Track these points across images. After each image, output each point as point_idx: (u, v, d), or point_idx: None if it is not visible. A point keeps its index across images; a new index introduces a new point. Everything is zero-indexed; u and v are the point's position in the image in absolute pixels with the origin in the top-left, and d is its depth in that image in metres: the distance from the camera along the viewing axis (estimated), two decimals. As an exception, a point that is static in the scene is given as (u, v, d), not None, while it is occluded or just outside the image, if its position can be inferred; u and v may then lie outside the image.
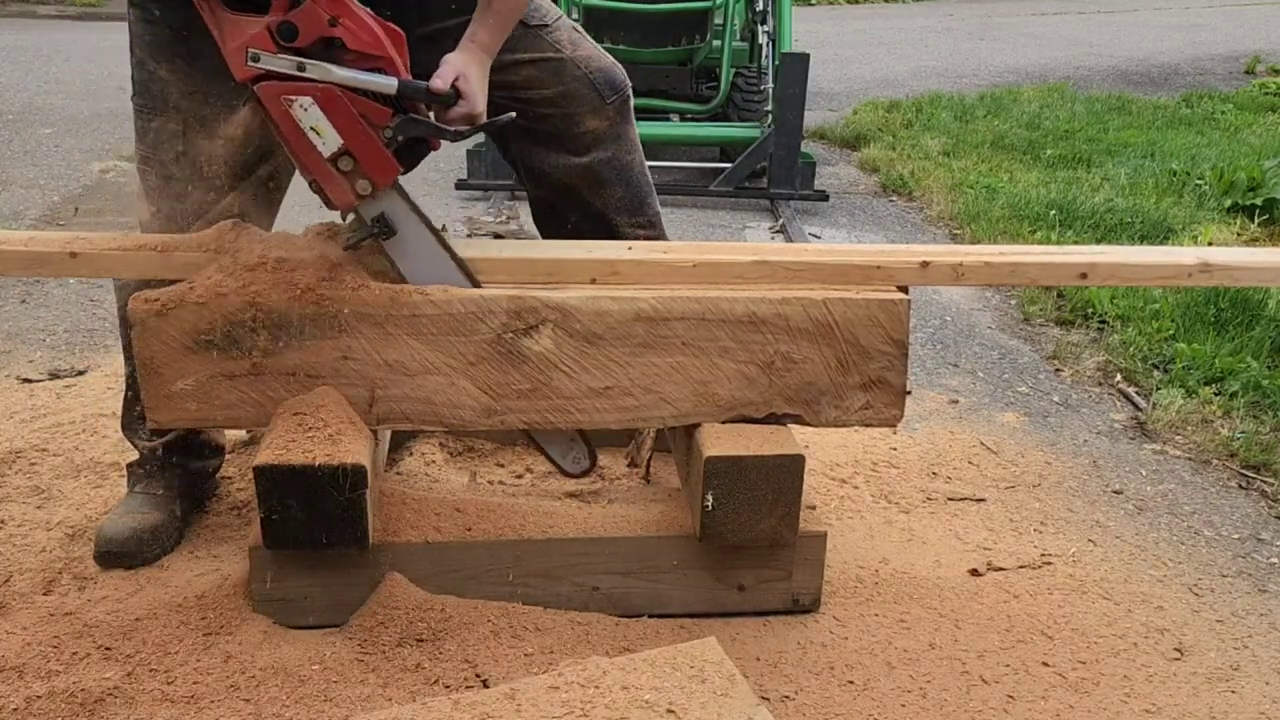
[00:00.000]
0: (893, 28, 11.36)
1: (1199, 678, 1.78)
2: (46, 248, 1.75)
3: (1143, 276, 1.96)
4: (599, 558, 1.80)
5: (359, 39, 1.58)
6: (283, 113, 1.59)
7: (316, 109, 1.58)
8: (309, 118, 1.59)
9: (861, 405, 1.84)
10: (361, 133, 1.61)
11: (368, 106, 1.61)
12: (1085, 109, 6.67)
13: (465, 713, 1.30)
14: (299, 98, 1.58)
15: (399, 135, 1.64)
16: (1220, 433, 2.64)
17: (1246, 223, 4.34)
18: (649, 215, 2.09)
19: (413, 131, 1.65)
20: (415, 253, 1.74)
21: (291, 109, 1.59)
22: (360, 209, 1.69)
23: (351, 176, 1.64)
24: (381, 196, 1.68)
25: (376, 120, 1.62)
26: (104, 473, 2.23)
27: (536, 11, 1.93)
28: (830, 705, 1.66)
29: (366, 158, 1.63)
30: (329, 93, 1.58)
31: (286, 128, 1.60)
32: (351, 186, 1.65)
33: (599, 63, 1.99)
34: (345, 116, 1.60)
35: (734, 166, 4.74)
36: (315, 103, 1.58)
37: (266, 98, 1.59)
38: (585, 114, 1.98)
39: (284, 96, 1.58)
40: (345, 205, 1.68)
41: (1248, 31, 10.87)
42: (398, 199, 1.70)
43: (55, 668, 1.64)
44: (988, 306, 3.56)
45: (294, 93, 1.58)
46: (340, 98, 1.59)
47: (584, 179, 2.02)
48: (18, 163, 5.02)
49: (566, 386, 1.78)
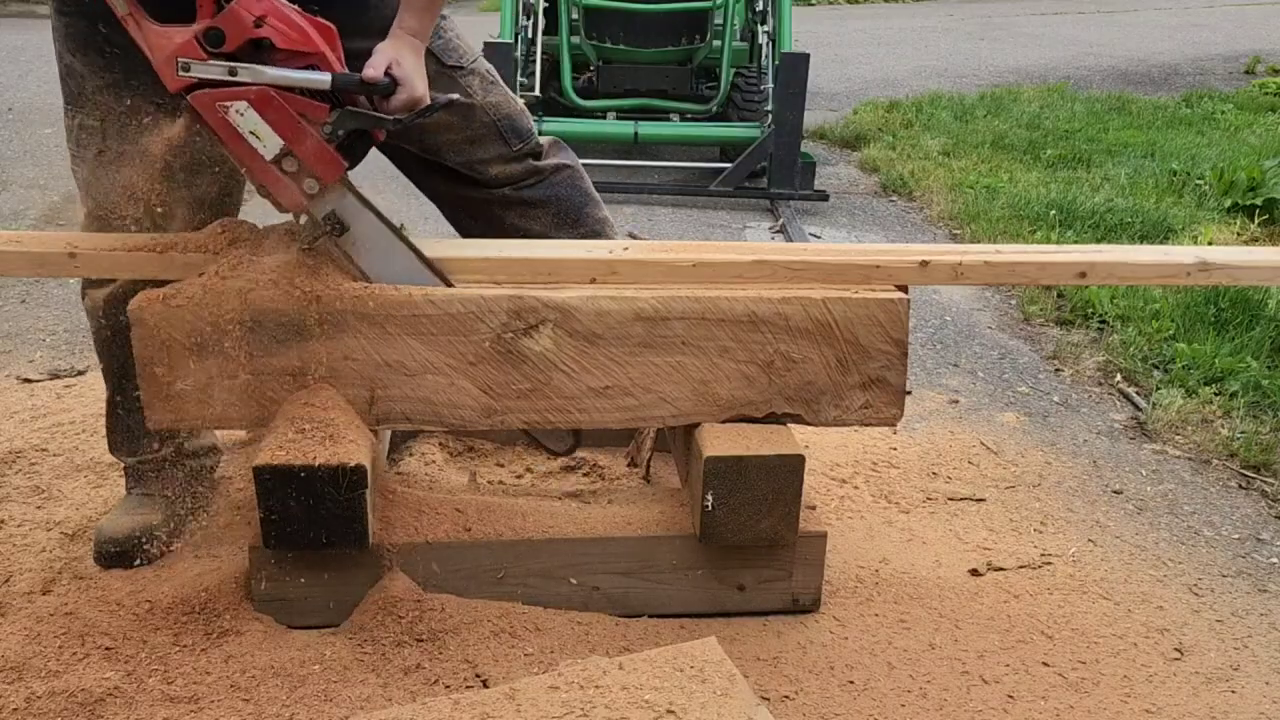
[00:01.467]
0: (893, 28, 11.36)
1: (1199, 678, 1.78)
2: (46, 248, 1.75)
3: (1141, 275, 1.96)
4: (599, 558, 1.80)
5: (287, 37, 1.57)
6: (219, 120, 1.57)
7: (253, 112, 1.57)
8: (246, 122, 1.58)
9: (861, 404, 1.84)
10: (301, 131, 1.60)
11: (304, 104, 1.60)
12: (1085, 109, 6.67)
13: (465, 713, 1.30)
14: (234, 103, 1.56)
15: (339, 130, 1.62)
16: (1220, 433, 2.64)
17: (1246, 223, 4.34)
18: (590, 225, 2.06)
19: (352, 124, 1.63)
20: (371, 247, 1.72)
21: (228, 115, 1.57)
22: (311, 208, 1.68)
23: (297, 177, 1.63)
24: (330, 193, 1.67)
25: (315, 117, 1.60)
26: (104, 473, 2.23)
27: (454, 52, 1.92)
28: (830, 705, 1.66)
29: (309, 156, 1.61)
30: (263, 94, 1.56)
31: (226, 134, 1.59)
32: (299, 187, 1.64)
33: (507, 109, 1.97)
34: (283, 116, 1.58)
35: (734, 166, 4.74)
36: (251, 106, 1.57)
37: (201, 106, 1.57)
38: (492, 160, 1.97)
39: (218, 103, 1.56)
40: (295, 206, 1.67)
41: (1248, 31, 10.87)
42: (347, 195, 1.69)
43: (55, 668, 1.64)
44: (988, 306, 3.56)
45: (228, 98, 1.56)
46: (275, 98, 1.57)
47: (506, 207, 2.00)
48: (18, 163, 5.02)
49: (566, 386, 1.78)
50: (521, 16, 4.94)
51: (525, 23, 4.98)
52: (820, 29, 10.59)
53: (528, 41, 5.01)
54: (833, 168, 5.55)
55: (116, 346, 1.89)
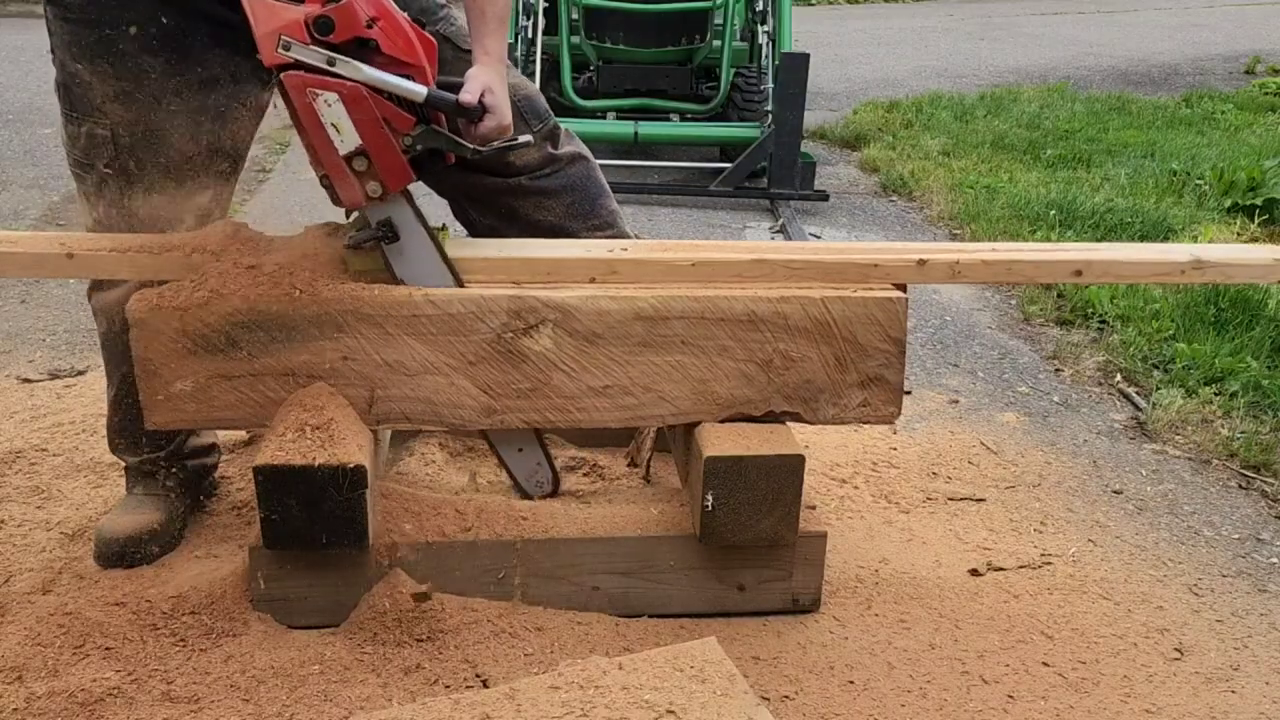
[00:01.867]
0: (893, 28, 11.36)
1: (1199, 678, 1.78)
2: (44, 248, 1.75)
3: (1136, 273, 1.96)
4: (599, 558, 1.80)
5: (394, 43, 1.57)
6: (305, 105, 1.58)
7: (340, 106, 1.58)
8: (331, 114, 1.58)
9: (859, 403, 1.85)
10: (381, 136, 1.60)
11: (391, 111, 1.60)
12: (1085, 109, 6.67)
13: (465, 713, 1.30)
14: (324, 92, 1.57)
15: (418, 145, 1.63)
16: (1220, 433, 2.64)
17: (1246, 222, 4.34)
18: (604, 216, 2.04)
19: (432, 143, 1.64)
20: (414, 260, 1.73)
21: (315, 102, 1.57)
22: (368, 211, 1.68)
23: (364, 177, 1.64)
24: (390, 201, 1.67)
25: (398, 126, 1.61)
26: (104, 473, 2.23)
27: (466, 37, 1.90)
28: (830, 705, 1.66)
29: (382, 161, 1.62)
30: (355, 91, 1.57)
31: (307, 120, 1.59)
32: (362, 187, 1.64)
33: (525, 90, 1.96)
34: (367, 117, 1.59)
35: (734, 166, 4.74)
36: (340, 99, 1.57)
37: (292, 87, 1.57)
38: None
39: (309, 89, 1.57)
40: (354, 204, 1.67)
41: (1248, 31, 10.87)
42: (405, 205, 1.70)
43: (55, 668, 1.64)
44: (988, 306, 3.56)
45: (320, 86, 1.57)
46: (365, 98, 1.58)
47: (522, 197, 1.98)
48: (18, 163, 5.02)
49: (566, 385, 1.78)
50: (521, 16, 4.94)
51: (525, 23, 4.98)
52: (820, 29, 10.59)
53: (528, 41, 5.01)
54: (833, 168, 5.55)
55: (124, 347, 1.88)
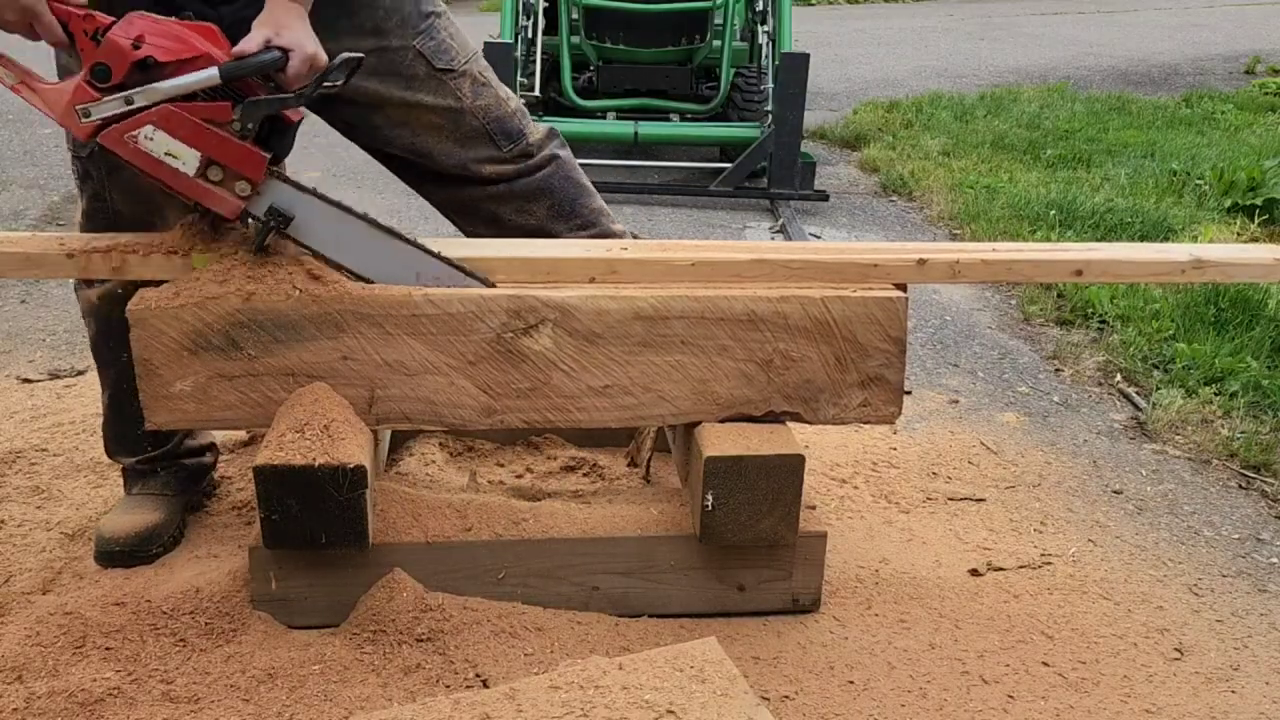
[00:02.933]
0: (893, 28, 11.36)
1: (1199, 678, 1.78)
2: (43, 248, 1.75)
3: (1136, 273, 1.96)
4: (599, 558, 1.80)
5: (168, 48, 1.54)
6: (134, 151, 1.56)
7: (161, 133, 1.55)
8: (158, 145, 1.56)
9: (860, 403, 1.85)
10: (212, 136, 1.57)
11: (208, 110, 1.57)
12: (1085, 109, 6.67)
13: (465, 713, 1.30)
14: (140, 129, 1.55)
15: (247, 123, 1.59)
16: (1220, 433, 2.64)
17: (1246, 222, 4.34)
18: (585, 216, 2.04)
19: (259, 112, 1.59)
20: (322, 227, 1.70)
21: (139, 144, 1.55)
22: (250, 210, 1.65)
23: (226, 183, 1.61)
24: (264, 189, 1.64)
25: (220, 118, 1.57)
26: (104, 473, 2.24)
27: (445, 54, 1.89)
28: (830, 705, 1.66)
29: (230, 158, 1.59)
30: (164, 112, 1.55)
31: (145, 164, 1.57)
32: (231, 193, 1.62)
33: (497, 112, 1.95)
34: (189, 127, 1.56)
35: (734, 166, 4.74)
36: (157, 127, 1.55)
37: (113, 144, 1.55)
38: (484, 162, 1.95)
39: (126, 135, 1.55)
40: (235, 213, 1.64)
41: (1248, 31, 10.87)
42: (281, 185, 1.67)
43: (55, 668, 1.64)
44: (988, 306, 3.56)
45: (133, 127, 1.55)
46: (177, 112, 1.55)
47: (502, 203, 1.98)
48: (18, 163, 5.02)
49: (566, 385, 1.78)
50: (521, 16, 4.94)
51: (525, 23, 4.98)
52: (820, 29, 10.60)
53: (528, 41, 5.01)
54: (833, 168, 5.55)
55: (112, 345, 1.89)
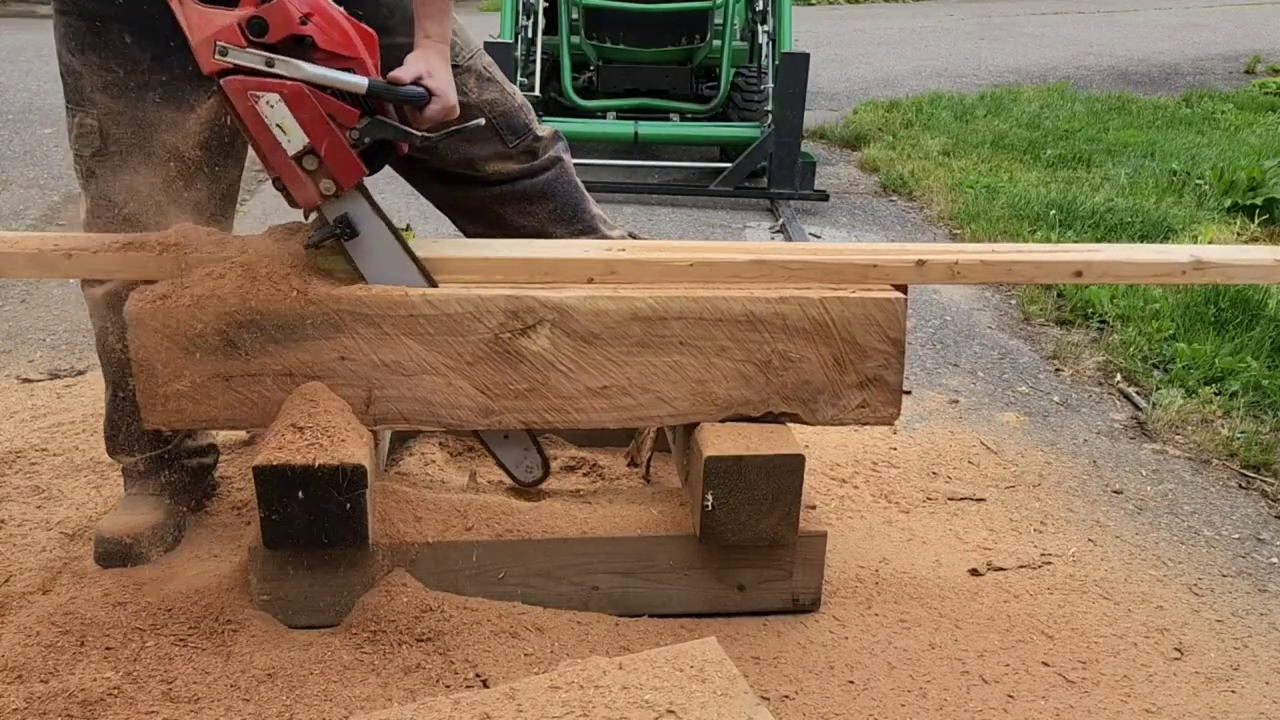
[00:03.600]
0: (893, 28, 11.35)
1: (1199, 678, 1.78)
2: (42, 248, 1.75)
3: (1137, 274, 1.96)
4: (599, 558, 1.80)
5: (330, 38, 1.56)
6: (248, 108, 1.57)
7: (283, 106, 1.56)
8: (275, 114, 1.57)
9: (858, 404, 1.85)
10: (328, 132, 1.59)
11: (335, 106, 1.59)
12: (1085, 109, 6.67)
13: (465, 713, 1.30)
14: (265, 94, 1.56)
15: (365, 137, 1.62)
16: (1220, 433, 2.63)
17: (1247, 222, 4.34)
18: (586, 220, 2.06)
19: (380, 134, 1.63)
20: (375, 254, 1.72)
21: (258, 105, 1.56)
22: (323, 209, 1.67)
23: (316, 176, 1.63)
24: (345, 197, 1.66)
25: (344, 120, 1.60)
26: (104, 473, 2.23)
27: (450, 49, 1.89)
28: (830, 705, 1.66)
29: (332, 158, 1.61)
30: (296, 90, 1.56)
31: (252, 124, 1.58)
32: (315, 185, 1.63)
33: (503, 106, 1.96)
34: (312, 115, 1.58)
35: (734, 166, 4.74)
36: (282, 100, 1.56)
37: (232, 92, 1.56)
38: (489, 158, 1.96)
39: (250, 92, 1.56)
40: (309, 204, 1.66)
41: (1248, 31, 10.86)
42: (361, 200, 1.69)
43: (55, 668, 1.64)
44: (988, 306, 3.56)
45: (261, 88, 1.56)
46: (308, 96, 1.57)
47: (504, 204, 2.00)
48: (18, 163, 5.02)
49: (564, 386, 1.78)
50: (521, 16, 4.94)
51: (525, 22, 4.98)
52: (820, 29, 10.59)
53: (528, 41, 5.01)
54: (833, 168, 5.55)
55: (115, 343, 1.89)
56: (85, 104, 1.78)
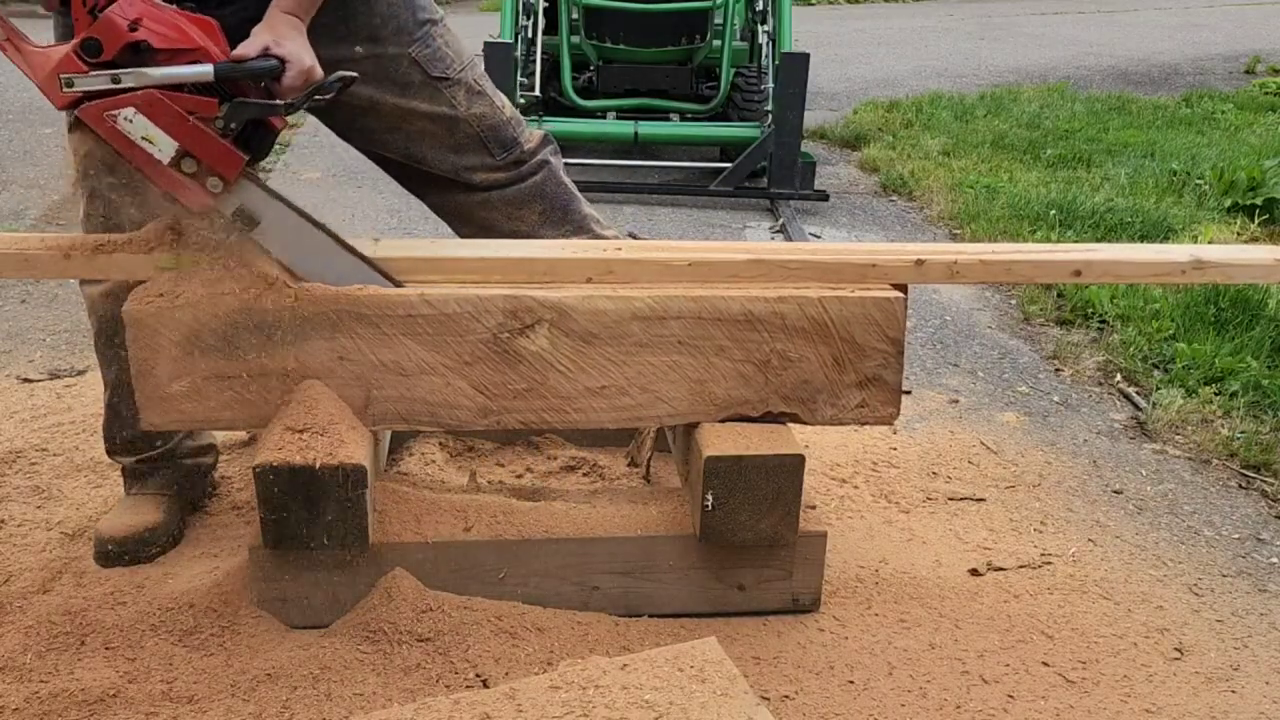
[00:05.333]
0: (893, 28, 11.36)
1: (1199, 678, 1.77)
2: (40, 248, 1.75)
3: (1136, 273, 1.96)
4: (599, 558, 1.80)
5: (165, 36, 1.53)
6: (110, 130, 1.55)
7: (141, 117, 1.54)
8: (137, 128, 1.55)
9: (858, 403, 1.84)
10: (193, 129, 1.56)
11: (192, 102, 1.56)
12: (1085, 109, 6.67)
13: (465, 713, 1.30)
14: (121, 110, 1.54)
15: (231, 122, 1.58)
16: (1220, 433, 2.63)
17: (1247, 222, 4.34)
18: (576, 221, 2.07)
19: (244, 115, 1.59)
20: (286, 237, 1.70)
21: (118, 124, 1.54)
22: (218, 207, 1.65)
23: (199, 177, 1.60)
24: (235, 189, 1.64)
25: (205, 113, 1.57)
26: (104, 473, 2.24)
27: (440, 62, 1.91)
28: (830, 705, 1.66)
29: (206, 154, 1.58)
30: (149, 97, 1.54)
31: (120, 144, 1.56)
32: (202, 187, 1.61)
33: (492, 120, 1.96)
34: (171, 117, 1.55)
35: (734, 166, 4.74)
36: (138, 111, 1.54)
37: (91, 119, 1.55)
38: (477, 169, 1.97)
39: (106, 113, 1.54)
40: (202, 207, 1.64)
41: (1248, 31, 10.86)
42: (253, 188, 1.66)
43: (55, 668, 1.64)
44: (988, 306, 3.56)
45: (115, 106, 1.54)
46: (162, 99, 1.54)
47: (493, 209, 2.01)
48: (18, 163, 5.02)
49: (563, 386, 1.78)
50: (521, 16, 4.94)
51: (525, 22, 4.97)
52: (820, 29, 10.59)
53: (528, 41, 5.01)
54: (833, 168, 5.55)
55: (113, 343, 1.89)
56: None
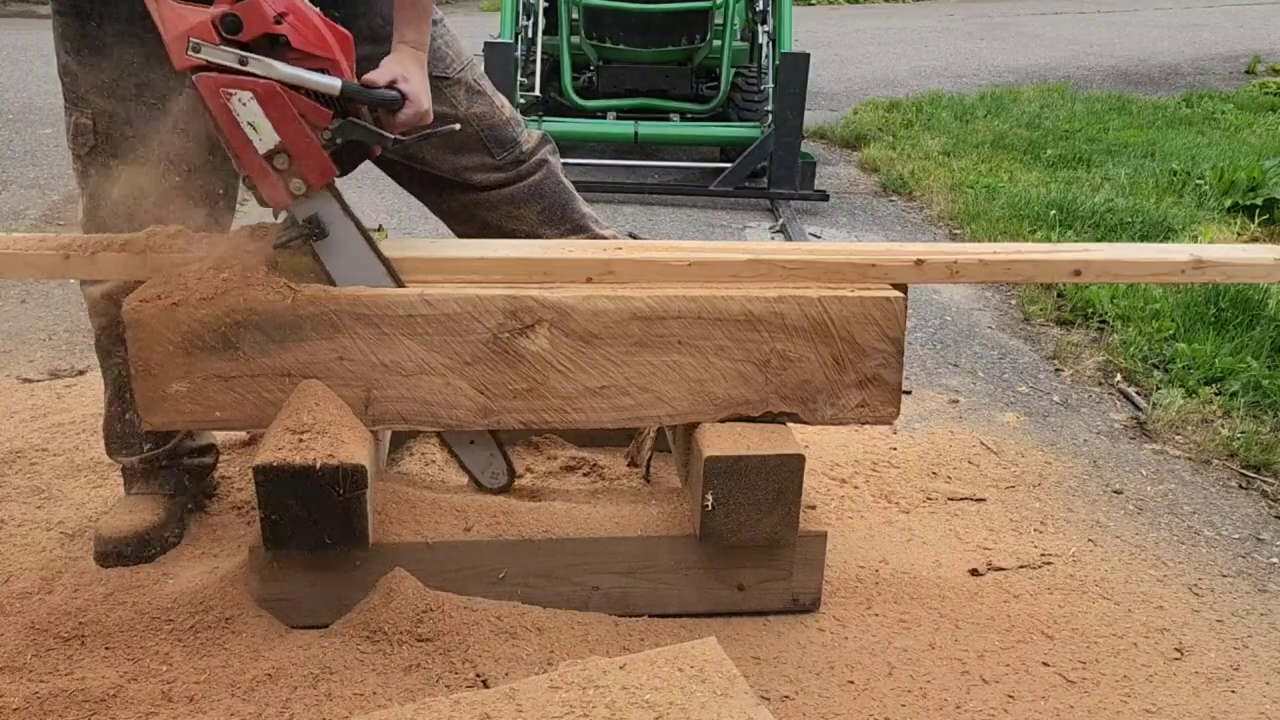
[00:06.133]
0: (893, 28, 11.36)
1: (1199, 678, 1.77)
2: (39, 249, 1.75)
3: (1136, 273, 1.96)
4: (599, 558, 1.80)
5: (304, 38, 1.56)
6: (220, 106, 1.56)
7: (255, 104, 1.56)
8: (247, 113, 1.56)
9: (857, 403, 1.84)
10: (299, 132, 1.59)
11: (308, 106, 1.59)
12: (1085, 109, 6.67)
13: (465, 713, 1.30)
14: (238, 92, 1.55)
15: (338, 138, 1.62)
16: (1220, 433, 2.63)
17: (1247, 222, 4.34)
18: (575, 220, 2.07)
19: (352, 135, 1.63)
20: (344, 255, 1.72)
21: (230, 103, 1.56)
22: (293, 209, 1.67)
23: (286, 175, 1.62)
24: (315, 197, 1.66)
25: (316, 121, 1.60)
26: (104, 473, 2.23)
27: (441, 61, 1.92)
28: (830, 705, 1.66)
29: (303, 158, 1.61)
30: (269, 89, 1.56)
31: (224, 121, 1.58)
32: (286, 185, 1.63)
33: (491, 119, 1.97)
34: (284, 114, 1.57)
35: (734, 166, 4.74)
36: (254, 98, 1.56)
37: (205, 89, 1.56)
38: (477, 169, 1.98)
39: (223, 89, 1.55)
40: (279, 203, 1.66)
41: (1248, 31, 10.86)
42: (331, 201, 1.69)
43: (55, 668, 1.64)
44: (988, 306, 3.56)
45: (233, 86, 1.55)
46: (280, 95, 1.56)
47: (492, 209, 2.01)
48: (18, 163, 5.02)
49: (563, 386, 1.78)
50: (522, 16, 4.94)
51: (525, 23, 4.98)
52: (820, 29, 10.59)
53: (528, 41, 5.01)
54: (833, 168, 5.55)
55: (115, 343, 1.89)
56: (81, 103, 1.79)
